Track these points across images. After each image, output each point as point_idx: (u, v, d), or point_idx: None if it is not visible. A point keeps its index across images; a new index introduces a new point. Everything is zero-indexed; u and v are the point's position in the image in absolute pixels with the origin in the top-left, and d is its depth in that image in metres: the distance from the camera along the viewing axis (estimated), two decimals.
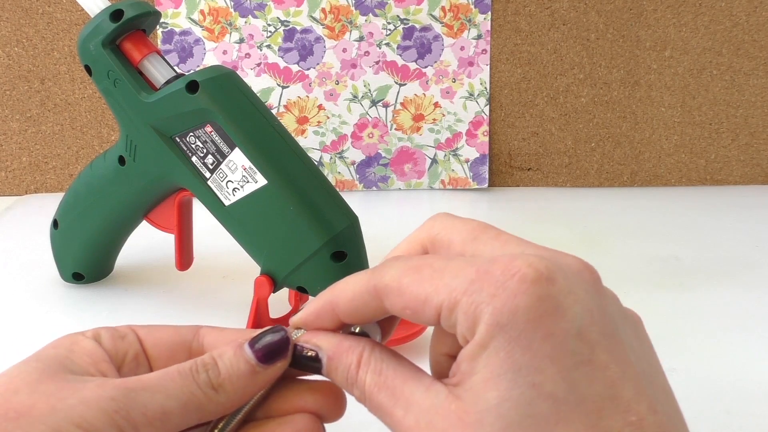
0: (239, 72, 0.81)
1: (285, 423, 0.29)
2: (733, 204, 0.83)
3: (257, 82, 0.82)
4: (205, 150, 0.49)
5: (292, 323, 0.30)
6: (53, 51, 0.81)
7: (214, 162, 0.49)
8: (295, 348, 0.29)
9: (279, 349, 0.29)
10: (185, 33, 0.81)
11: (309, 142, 0.84)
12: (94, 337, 0.30)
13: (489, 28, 0.83)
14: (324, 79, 0.83)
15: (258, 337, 0.29)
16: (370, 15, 0.82)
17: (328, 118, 0.83)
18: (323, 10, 0.81)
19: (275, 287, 0.50)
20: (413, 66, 0.83)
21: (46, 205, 0.65)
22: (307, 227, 0.48)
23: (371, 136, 0.84)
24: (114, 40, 0.50)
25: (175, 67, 0.53)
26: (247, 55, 0.82)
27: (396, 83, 0.83)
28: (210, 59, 0.82)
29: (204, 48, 0.81)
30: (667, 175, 0.88)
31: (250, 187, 0.48)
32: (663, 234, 0.73)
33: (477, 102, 0.84)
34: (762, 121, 0.87)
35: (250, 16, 0.81)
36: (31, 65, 0.81)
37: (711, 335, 0.53)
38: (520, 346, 0.24)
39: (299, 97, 0.83)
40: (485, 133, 0.85)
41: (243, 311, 0.51)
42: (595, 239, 0.72)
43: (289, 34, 0.81)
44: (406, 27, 0.82)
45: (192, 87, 0.48)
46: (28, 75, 0.81)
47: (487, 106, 0.85)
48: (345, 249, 0.48)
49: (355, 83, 0.83)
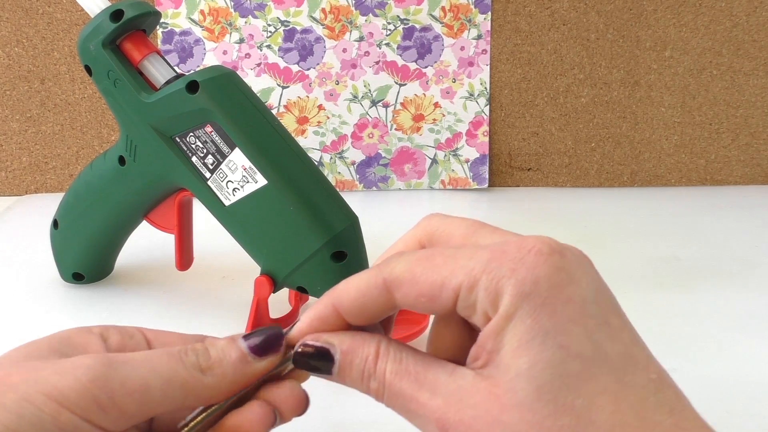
0: (239, 72, 0.81)
1: (241, 411, 0.29)
2: (733, 204, 0.83)
3: (257, 82, 0.82)
4: (205, 150, 0.49)
5: (292, 335, 0.30)
6: (53, 51, 0.81)
7: (214, 162, 0.49)
8: (304, 346, 0.29)
9: (272, 343, 0.29)
10: (185, 33, 0.81)
11: (309, 142, 0.84)
12: (101, 333, 0.30)
13: (489, 28, 0.83)
14: (324, 79, 0.83)
15: (253, 332, 0.29)
16: (370, 15, 0.82)
17: (328, 118, 0.83)
18: (323, 10, 0.81)
19: (275, 287, 0.50)
20: (413, 66, 0.83)
21: (46, 205, 0.65)
22: (307, 227, 0.48)
23: (371, 136, 0.84)
24: (114, 40, 0.50)
25: (175, 67, 0.53)
26: (247, 55, 0.82)
27: (396, 83, 0.83)
28: (210, 59, 0.82)
29: (204, 48, 0.81)
30: (667, 175, 0.88)
31: (250, 187, 0.48)
32: (663, 234, 0.73)
33: (477, 102, 0.84)
34: (762, 121, 0.87)
35: (250, 16, 0.81)
36: (31, 65, 0.81)
37: (711, 335, 0.53)
38: (545, 311, 0.25)
39: (299, 97, 0.83)
40: (485, 133, 0.85)
41: (243, 311, 0.51)
42: (595, 239, 0.72)
43: (289, 34, 0.81)
44: (406, 27, 0.82)
45: (192, 87, 0.48)
46: (28, 75, 0.81)
47: (487, 106, 0.85)
48: (345, 249, 0.48)
49: (355, 83, 0.83)
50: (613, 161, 0.87)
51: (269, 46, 0.82)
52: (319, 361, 0.29)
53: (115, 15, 0.50)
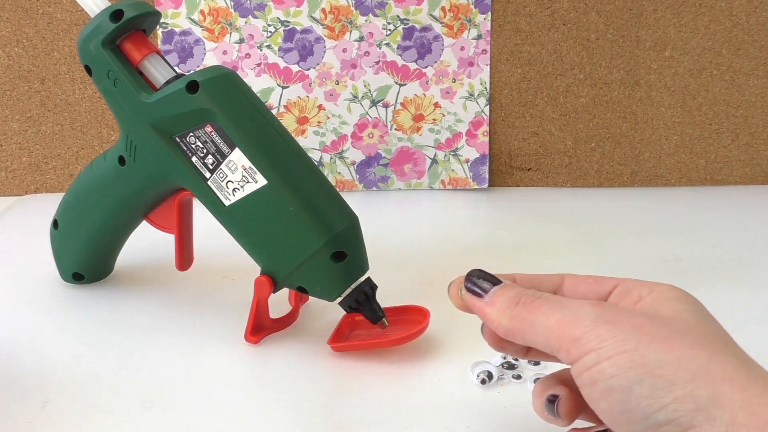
0: (239, 72, 0.81)
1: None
2: (733, 204, 0.83)
3: (257, 82, 0.82)
4: (205, 150, 0.49)
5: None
6: (53, 51, 0.81)
7: (214, 162, 0.49)
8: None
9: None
10: (185, 33, 0.81)
11: (309, 142, 0.84)
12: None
13: (489, 28, 0.83)
14: (324, 79, 0.83)
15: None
16: (370, 15, 0.82)
17: (328, 118, 0.83)
18: (323, 10, 0.81)
19: (275, 287, 0.50)
20: (413, 66, 0.83)
21: (46, 205, 0.65)
22: (307, 227, 0.48)
23: (371, 136, 0.84)
24: (114, 40, 0.50)
25: (175, 67, 0.53)
26: (247, 55, 0.82)
27: (396, 83, 0.83)
28: (210, 59, 0.82)
29: (204, 48, 0.81)
30: (667, 175, 0.88)
31: (250, 187, 0.48)
32: (663, 234, 0.73)
33: (477, 102, 0.85)
34: (762, 121, 0.87)
35: (250, 16, 0.81)
36: (31, 65, 0.81)
37: None
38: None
39: (299, 97, 0.83)
40: (485, 133, 0.85)
41: (243, 311, 0.51)
42: (595, 239, 0.72)
43: (289, 34, 0.81)
44: (406, 27, 0.82)
45: (192, 87, 0.48)
46: (28, 75, 0.81)
47: (487, 106, 0.85)
48: (345, 249, 0.48)
49: (355, 83, 0.83)
50: (613, 161, 0.87)
51: (269, 46, 0.82)
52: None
53: (115, 15, 0.50)
